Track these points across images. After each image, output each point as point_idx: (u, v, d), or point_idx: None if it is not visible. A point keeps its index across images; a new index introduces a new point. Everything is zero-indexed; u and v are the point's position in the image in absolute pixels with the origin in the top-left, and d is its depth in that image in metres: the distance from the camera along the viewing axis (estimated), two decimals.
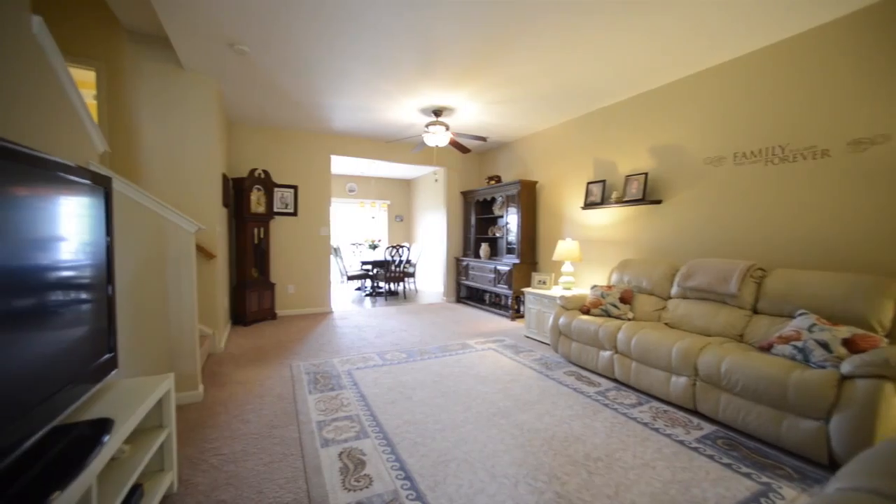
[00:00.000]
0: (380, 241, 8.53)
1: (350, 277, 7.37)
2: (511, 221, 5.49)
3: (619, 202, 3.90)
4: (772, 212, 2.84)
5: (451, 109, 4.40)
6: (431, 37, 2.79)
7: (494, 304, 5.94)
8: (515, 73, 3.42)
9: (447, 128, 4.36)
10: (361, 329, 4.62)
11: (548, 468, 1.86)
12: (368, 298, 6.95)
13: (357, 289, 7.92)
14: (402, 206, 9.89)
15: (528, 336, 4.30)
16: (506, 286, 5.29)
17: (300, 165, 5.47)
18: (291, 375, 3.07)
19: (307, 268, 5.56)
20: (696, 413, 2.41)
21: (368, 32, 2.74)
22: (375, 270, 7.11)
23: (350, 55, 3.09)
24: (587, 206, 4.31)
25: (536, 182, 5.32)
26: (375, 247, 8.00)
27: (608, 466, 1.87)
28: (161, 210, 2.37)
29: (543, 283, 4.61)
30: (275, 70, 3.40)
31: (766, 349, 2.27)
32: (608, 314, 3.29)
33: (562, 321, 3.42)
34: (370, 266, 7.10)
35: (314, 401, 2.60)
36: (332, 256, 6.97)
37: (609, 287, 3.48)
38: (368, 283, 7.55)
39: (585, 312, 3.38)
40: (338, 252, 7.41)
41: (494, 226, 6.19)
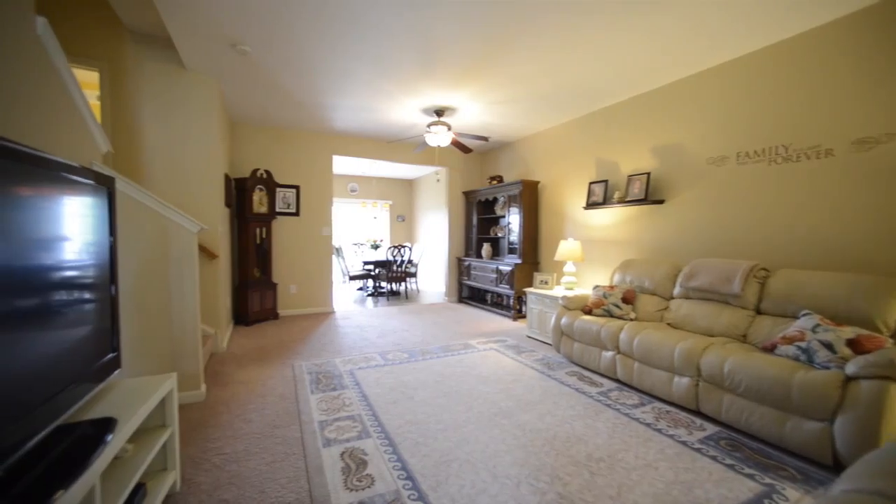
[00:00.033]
0: (381, 241, 8.54)
1: (352, 277, 7.37)
2: (513, 221, 5.48)
3: (622, 202, 3.89)
4: (774, 211, 2.83)
5: (453, 109, 4.40)
6: (432, 37, 2.79)
7: (496, 305, 5.93)
8: (516, 73, 3.42)
9: (449, 128, 4.35)
10: (363, 329, 4.63)
11: (550, 469, 1.85)
12: (370, 298, 6.96)
13: (359, 289, 7.92)
14: (404, 206, 9.89)
15: (530, 336, 4.29)
16: (507, 286, 5.29)
17: (302, 165, 5.47)
18: (293, 375, 3.08)
19: (309, 268, 5.57)
20: (699, 414, 2.40)
21: (370, 32, 2.74)
22: (377, 270, 7.11)
23: (352, 55, 3.10)
24: (589, 206, 4.30)
25: (538, 182, 5.31)
26: (377, 247, 8.01)
27: (610, 467, 1.87)
28: (164, 210, 2.38)
29: (545, 283, 4.60)
30: (277, 70, 3.41)
31: (770, 350, 2.25)
32: (610, 314, 3.28)
33: (564, 321, 3.41)
34: (372, 266, 7.11)
35: (316, 400, 2.60)
36: (334, 256, 6.96)
37: (611, 287, 3.47)
38: (370, 283, 7.56)
39: (587, 313, 3.38)
40: (340, 252, 7.41)
41: (496, 226, 6.18)
